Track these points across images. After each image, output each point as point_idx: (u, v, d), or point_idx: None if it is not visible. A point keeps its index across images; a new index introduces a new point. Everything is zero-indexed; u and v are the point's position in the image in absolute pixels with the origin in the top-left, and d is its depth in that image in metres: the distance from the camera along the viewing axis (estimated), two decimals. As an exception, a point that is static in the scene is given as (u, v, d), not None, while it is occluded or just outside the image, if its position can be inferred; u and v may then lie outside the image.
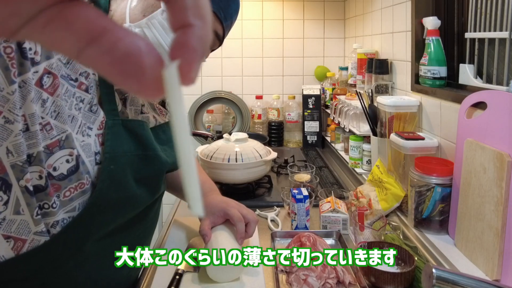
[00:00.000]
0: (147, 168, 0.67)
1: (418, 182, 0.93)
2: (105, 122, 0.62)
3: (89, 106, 0.60)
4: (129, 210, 0.66)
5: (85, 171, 0.58)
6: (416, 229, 0.95)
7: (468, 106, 0.87)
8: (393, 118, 1.16)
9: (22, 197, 0.52)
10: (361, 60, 1.57)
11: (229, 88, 2.12)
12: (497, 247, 0.74)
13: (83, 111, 0.59)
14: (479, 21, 0.97)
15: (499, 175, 0.74)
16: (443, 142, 1.04)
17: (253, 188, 1.31)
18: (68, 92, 0.57)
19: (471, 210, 0.82)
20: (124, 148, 0.63)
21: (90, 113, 0.60)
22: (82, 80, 0.59)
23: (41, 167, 0.53)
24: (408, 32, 1.24)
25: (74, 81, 0.58)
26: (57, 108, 0.54)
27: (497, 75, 0.92)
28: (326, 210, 1.01)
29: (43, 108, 0.52)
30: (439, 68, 1.08)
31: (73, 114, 0.57)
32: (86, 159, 0.58)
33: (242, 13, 2.10)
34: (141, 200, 0.68)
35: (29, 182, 0.52)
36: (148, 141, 0.68)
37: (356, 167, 1.44)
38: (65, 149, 0.55)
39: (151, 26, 0.63)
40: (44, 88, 0.52)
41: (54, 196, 0.55)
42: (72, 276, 0.61)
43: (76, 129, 0.57)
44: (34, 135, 0.51)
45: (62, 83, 0.55)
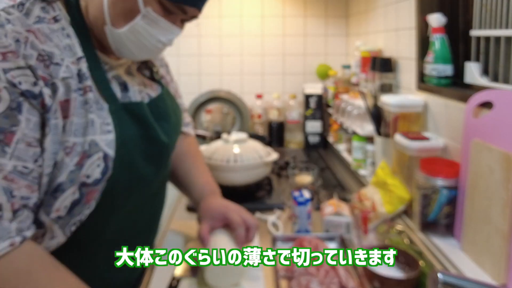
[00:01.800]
0: (151, 147, 0.71)
1: (424, 184, 0.92)
2: (108, 108, 0.64)
3: (95, 103, 0.62)
4: (139, 190, 0.71)
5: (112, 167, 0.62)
6: (421, 233, 0.94)
7: (475, 106, 0.85)
8: (398, 118, 1.14)
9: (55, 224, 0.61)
10: (365, 58, 1.55)
11: (228, 87, 2.10)
12: (504, 251, 0.73)
13: (96, 111, 0.62)
14: (485, 18, 0.96)
15: (506, 177, 0.73)
16: (449, 143, 1.02)
17: (253, 190, 1.30)
18: (80, 102, 0.60)
19: (477, 212, 0.81)
20: (130, 131, 0.66)
21: (99, 111, 0.62)
22: (85, 83, 0.61)
23: (75, 185, 0.59)
24: (412, 30, 1.23)
25: (80, 89, 0.61)
26: (74, 125, 0.58)
27: (504, 74, 0.91)
28: (328, 213, 1.00)
29: (64, 133, 0.57)
30: (444, 66, 1.06)
31: (91, 118, 0.60)
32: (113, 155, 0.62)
33: (241, 10, 2.08)
34: (149, 178, 0.72)
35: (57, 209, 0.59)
36: (148, 120, 0.70)
37: (360, 168, 1.43)
38: (93, 156, 0.59)
39: (135, 32, 0.64)
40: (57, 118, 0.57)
41: (91, 201, 0.61)
42: None
43: (98, 131, 0.61)
44: (60, 166, 0.57)
45: (75, 98, 0.59)
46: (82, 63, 0.62)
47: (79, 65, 0.61)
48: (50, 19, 0.60)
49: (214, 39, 2.10)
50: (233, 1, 2.07)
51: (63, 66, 0.58)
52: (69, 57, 0.60)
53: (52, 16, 0.61)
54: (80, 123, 0.59)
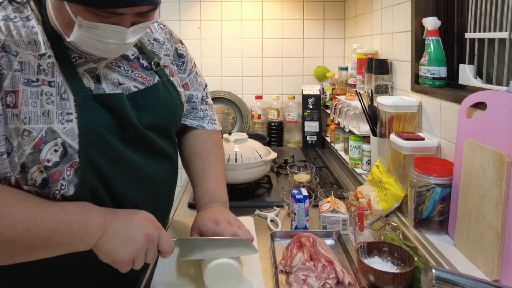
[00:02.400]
0: (128, 132, 0.75)
1: (418, 182, 0.93)
2: (76, 100, 0.68)
3: (59, 96, 0.66)
4: (126, 169, 0.75)
5: (74, 152, 0.66)
6: (415, 230, 0.95)
7: (468, 106, 0.87)
8: (393, 118, 1.16)
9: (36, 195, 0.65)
10: (361, 60, 1.56)
11: (229, 88, 2.12)
12: (496, 248, 0.74)
13: (56, 102, 0.66)
14: (479, 21, 0.97)
15: (499, 176, 0.74)
16: (443, 142, 1.04)
17: (253, 188, 1.31)
18: (34, 94, 0.64)
19: (471, 210, 0.82)
20: (100, 119, 0.70)
21: (62, 101, 0.67)
22: (42, 77, 0.65)
23: (38, 164, 0.63)
24: (408, 32, 1.24)
25: (36, 82, 0.64)
26: (27, 114, 0.62)
27: (497, 75, 0.92)
28: (325, 210, 1.01)
29: (18, 121, 0.61)
30: (439, 68, 1.08)
31: (47, 109, 0.64)
32: (72, 141, 0.66)
33: (242, 13, 2.10)
34: (132, 158, 0.76)
35: (33, 182, 0.64)
36: (123, 111, 0.73)
37: (356, 167, 1.44)
38: (50, 142, 0.64)
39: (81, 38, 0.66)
40: (11, 106, 0.61)
41: (60, 181, 0.65)
42: None
43: (55, 120, 0.65)
44: (18, 148, 0.62)
45: (25, 89, 0.63)
46: (44, 59, 0.65)
47: (40, 61, 0.65)
48: (23, 18, 0.65)
49: (215, 42, 2.12)
50: (233, 5, 2.10)
51: (16, 60, 0.62)
52: (29, 52, 0.64)
53: (25, 15, 0.66)
54: (33, 112, 0.63)
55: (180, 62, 0.96)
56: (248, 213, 1.13)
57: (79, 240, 0.64)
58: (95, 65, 0.74)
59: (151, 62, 0.84)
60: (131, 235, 0.67)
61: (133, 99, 0.77)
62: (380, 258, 0.84)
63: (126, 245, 0.66)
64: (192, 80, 0.99)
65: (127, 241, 0.67)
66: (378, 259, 0.83)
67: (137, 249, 0.67)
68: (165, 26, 0.95)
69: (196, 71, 1.02)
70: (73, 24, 0.64)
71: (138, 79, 0.80)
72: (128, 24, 0.66)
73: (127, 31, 0.65)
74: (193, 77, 1.00)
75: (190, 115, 1.01)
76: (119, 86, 0.76)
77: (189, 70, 0.98)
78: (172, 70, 0.91)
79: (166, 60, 0.89)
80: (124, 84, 0.77)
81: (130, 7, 0.63)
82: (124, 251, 0.66)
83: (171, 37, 0.94)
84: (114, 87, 0.75)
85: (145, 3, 0.64)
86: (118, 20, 0.64)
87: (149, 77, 0.83)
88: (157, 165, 0.83)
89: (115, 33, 0.65)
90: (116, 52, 0.71)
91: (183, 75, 0.97)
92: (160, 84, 0.83)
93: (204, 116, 1.02)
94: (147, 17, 0.68)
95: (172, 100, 0.86)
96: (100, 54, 0.70)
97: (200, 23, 2.11)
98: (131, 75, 0.79)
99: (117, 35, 0.65)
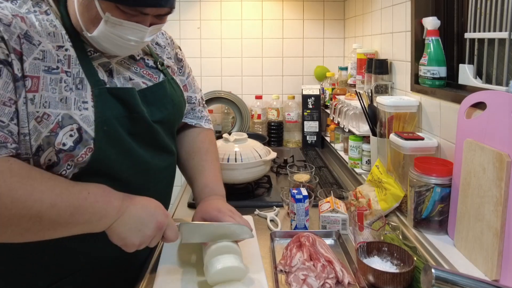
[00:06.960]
0: (137, 126, 0.78)
1: (418, 182, 0.93)
2: (93, 91, 0.72)
3: (75, 85, 0.71)
4: (131, 163, 0.78)
5: (89, 138, 0.69)
6: (415, 229, 0.95)
7: (468, 106, 0.87)
8: (393, 118, 1.16)
9: None
10: (361, 60, 1.57)
11: (228, 88, 2.12)
12: (496, 247, 0.74)
13: (75, 90, 0.70)
14: (479, 21, 0.97)
15: (498, 176, 0.74)
16: (443, 142, 1.04)
17: (253, 188, 1.32)
18: (54, 81, 0.67)
19: (470, 210, 0.82)
20: (113, 111, 0.74)
21: (78, 91, 0.71)
22: (61, 66, 0.69)
23: (52, 148, 0.66)
24: (407, 32, 1.24)
25: (56, 69, 0.68)
26: (46, 98, 0.66)
27: (497, 75, 0.92)
28: (325, 210, 1.01)
29: (33, 106, 0.65)
30: (438, 68, 1.08)
31: (65, 95, 0.68)
32: (88, 128, 0.70)
33: (242, 13, 2.10)
34: (138, 152, 0.79)
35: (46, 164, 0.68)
36: (134, 104, 0.78)
37: (356, 167, 1.44)
38: (66, 127, 0.67)
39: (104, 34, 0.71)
40: (28, 90, 0.64)
41: (68, 162, 0.68)
42: None
43: (72, 107, 0.69)
44: (34, 130, 0.65)
45: (45, 76, 0.66)
46: (62, 51, 0.70)
47: (59, 52, 0.70)
48: (42, 12, 0.70)
49: (215, 42, 2.12)
50: (233, 5, 2.10)
51: (38, 49, 0.66)
52: (49, 43, 0.68)
53: (44, 10, 0.71)
54: (52, 98, 0.67)
55: (179, 65, 1.02)
56: (248, 213, 1.13)
57: (98, 219, 0.67)
58: (108, 60, 0.79)
59: (156, 61, 0.90)
60: (145, 221, 0.72)
61: (143, 95, 0.81)
62: (379, 258, 0.84)
63: (139, 230, 0.71)
64: (191, 83, 1.06)
65: (141, 226, 0.71)
66: (378, 259, 0.83)
67: (148, 236, 0.72)
68: (166, 32, 1.02)
69: (193, 76, 1.09)
70: (99, 20, 0.69)
71: (145, 76, 0.85)
72: (148, 24, 0.73)
73: (147, 30, 0.72)
74: (191, 80, 1.06)
75: (189, 114, 1.07)
76: (129, 81, 0.81)
77: (188, 73, 1.05)
78: (174, 71, 0.97)
79: (168, 62, 0.95)
80: (134, 80, 0.82)
81: (155, 8, 0.70)
82: (136, 236, 0.71)
83: (172, 42, 1.02)
84: (125, 81, 0.80)
85: (167, 5, 0.72)
86: (141, 19, 0.71)
87: (155, 74, 0.88)
88: (160, 160, 0.86)
89: (137, 31, 0.71)
90: (133, 49, 0.77)
91: (183, 77, 1.02)
92: (166, 82, 0.89)
93: (201, 116, 1.08)
94: (162, 19, 0.75)
95: (177, 97, 0.92)
96: (117, 51, 0.75)
97: (200, 23, 2.11)
98: (139, 72, 0.85)
99: (138, 33, 0.72)
